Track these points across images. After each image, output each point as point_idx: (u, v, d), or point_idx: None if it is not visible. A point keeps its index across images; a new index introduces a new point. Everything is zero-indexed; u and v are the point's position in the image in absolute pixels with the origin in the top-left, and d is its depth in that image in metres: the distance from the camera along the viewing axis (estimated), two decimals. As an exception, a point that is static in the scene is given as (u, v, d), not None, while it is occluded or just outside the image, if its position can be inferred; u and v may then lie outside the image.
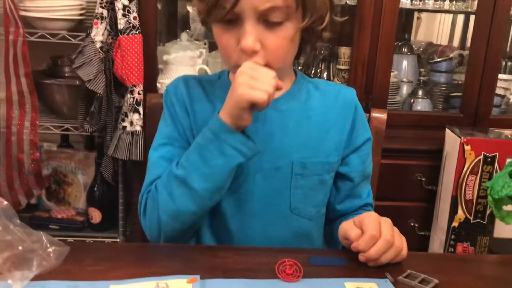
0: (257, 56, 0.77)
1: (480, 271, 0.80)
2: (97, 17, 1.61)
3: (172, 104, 0.91)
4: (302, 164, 0.88)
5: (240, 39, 0.77)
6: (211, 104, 0.89)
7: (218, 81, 0.93)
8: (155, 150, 0.90)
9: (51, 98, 1.76)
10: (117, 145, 1.63)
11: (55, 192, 1.94)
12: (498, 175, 0.76)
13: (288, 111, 0.89)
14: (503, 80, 1.98)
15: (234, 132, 0.78)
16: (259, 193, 0.88)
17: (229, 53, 0.80)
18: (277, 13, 0.76)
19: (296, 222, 0.90)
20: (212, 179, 0.80)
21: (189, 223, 0.84)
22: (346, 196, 0.96)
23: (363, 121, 0.95)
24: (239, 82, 0.75)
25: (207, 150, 0.79)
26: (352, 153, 0.93)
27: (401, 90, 1.97)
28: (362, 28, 1.70)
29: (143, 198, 0.88)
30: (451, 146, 1.63)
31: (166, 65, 1.83)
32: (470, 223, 1.62)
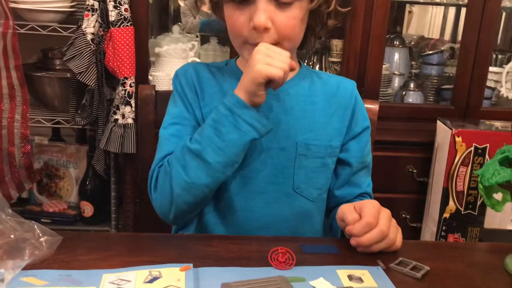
0: (268, 34, 0.82)
1: (471, 259, 0.81)
2: (88, 9, 1.60)
3: (181, 85, 0.94)
4: (306, 145, 0.91)
5: (252, 17, 0.81)
6: (220, 86, 0.93)
7: (226, 67, 0.97)
8: (165, 129, 0.93)
9: (42, 91, 1.75)
10: (109, 138, 1.62)
11: (47, 185, 1.93)
12: (489, 162, 0.77)
13: (294, 95, 0.93)
14: (494, 73, 2.00)
15: (249, 108, 0.81)
16: (264, 172, 0.90)
17: (240, 30, 0.84)
18: None
19: (299, 202, 0.93)
20: (226, 153, 0.82)
21: (201, 196, 0.86)
22: (345, 182, 0.98)
23: (362, 111, 0.99)
24: (256, 59, 0.79)
25: (222, 125, 0.81)
26: (351, 140, 0.97)
27: (393, 82, 1.98)
28: (354, 21, 1.71)
29: (154, 173, 0.90)
30: (442, 138, 1.64)
31: (158, 57, 1.82)
32: (461, 214, 1.63)
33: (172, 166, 0.85)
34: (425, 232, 1.74)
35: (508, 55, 2.16)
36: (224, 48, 2.00)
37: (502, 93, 1.93)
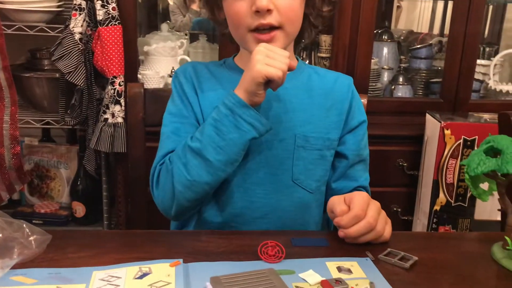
0: (271, 16, 0.84)
1: (459, 248, 0.82)
2: (76, 9, 1.59)
3: (180, 84, 0.96)
4: (305, 137, 0.93)
5: (254, 2, 0.83)
6: (219, 84, 0.95)
7: (224, 65, 1.00)
8: (165, 126, 0.95)
9: (31, 92, 1.74)
10: (99, 138, 1.62)
11: (38, 187, 1.92)
12: (474, 152, 0.78)
13: (292, 88, 0.95)
14: (482, 66, 2.01)
15: (249, 108, 0.83)
16: (263, 163, 0.92)
17: (242, 18, 0.86)
18: None
19: (298, 193, 0.94)
20: (227, 152, 0.84)
21: (202, 193, 0.88)
22: (341, 175, 0.99)
23: (359, 105, 1.01)
24: (256, 59, 0.81)
25: (222, 124, 0.83)
26: (348, 133, 0.98)
27: (382, 77, 1.99)
28: (342, 16, 1.71)
29: (156, 170, 0.92)
30: (431, 131, 1.66)
31: (147, 56, 1.82)
32: (452, 206, 1.65)
33: (173, 164, 0.87)
34: (416, 225, 1.75)
35: (495, 47, 2.18)
36: (213, 45, 2.01)
37: (490, 86, 1.95)
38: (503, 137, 0.76)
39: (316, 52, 1.93)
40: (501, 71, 2.10)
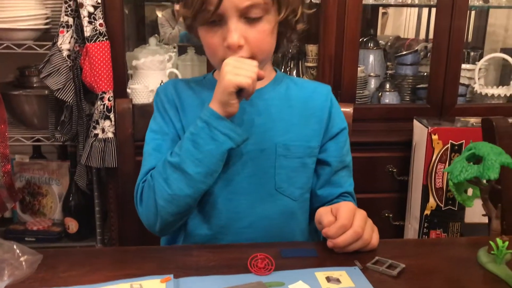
0: (242, 51, 0.86)
1: (446, 253, 0.83)
2: (63, 26, 1.60)
3: (162, 102, 0.98)
4: (285, 145, 0.95)
5: (226, 37, 0.85)
6: (199, 99, 0.97)
7: (204, 80, 1.01)
8: (147, 144, 0.97)
9: (20, 109, 1.74)
10: (89, 153, 1.62)
11: (30, 204, 1.92)
12: (457, 160, 0.79)
13: (271, 99, 0.97)
14: (467, 70, 2.04)
15: (223, 119, 0.85)
16: (245, 173, 0.93)
17: (215, 50, 0.88)
18: (256, 10, 0.85)
19: (281, 201, 0.95)
20: (205, 164, 0.86)
21: (185, 206, 0.89)
22: (326, 182, 1.01)
23: (339, 113, 1.02)
24: (225, 71, 0.83)
25: (199, 137, 0.86)
26: (329, 140, 1.00)
27: (369, 84, 2.01)
28: (327, 26, 1.74)
29: (139, 188, 0.94)
30: (419, 137, 1.68)
31: (136, 70, 1.83)
32: (442, 210, 1.66)
33: (155, 180, 0.89)
34: (408, 230, 1.77)
35: (480, 52, 2.21)
36: (201, 57, 2.02)
37: (476, 90, 1.97)
38: (484, 144, 0.78)
39: (303, 62, 1.95)
40: (486, 75, 2.13)
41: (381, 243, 0.84)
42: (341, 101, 1.75)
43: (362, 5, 1.75)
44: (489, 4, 1.96)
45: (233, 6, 0.83)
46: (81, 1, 1.57)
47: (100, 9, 1.59)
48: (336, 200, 1.00)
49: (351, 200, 1.02)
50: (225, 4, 0.82)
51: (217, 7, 0.82)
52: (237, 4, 0.83)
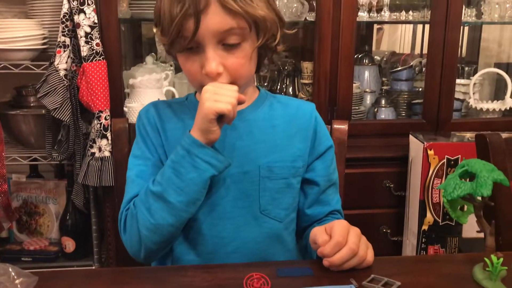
0: (221, 77, 0.85)
1: (441, 270, 0.83)
2: (60, 46, 1.62)
3: (143, 126, 0.97)
4: (269, 167, 0.93)
5: (204, 64, 0.84)
6: (181, 122, 0.96)
7: (186, 101, 1.00)
8: (130, 170, 0.96)
9: (17, 129, 1.75)
10: (86, 172, 1.62)
11: (26, 223, 1.92)
12: (450, 177, 0.79)
13: (253, 120, 0.96)
14: (462, 85, 2.05)
15: (204, 147, 0.84)
16: (229, 197, 0.92)
17: (194, 77, 0.88)
18: (234, 36, 0.84)
19: (267, 224, 0.94)
20: (187, 192, 0.85)
21: (168, 235, 0.89)
22: (314, 201, 1.00)
23: (324, 131, 1.01)
24: (204, 98, 0.82)
25: (180, 166, 0.84)
26: (316, 159, 0.99)
27: (365, 100, 2.02)
28: (322, 43, 1.75)
29: (123, 216, 0.93)
30: (415, 152, 1.68)
31: (133, 88, 1.84)
32: (439, 225, 1.66)
33: (137, 209, 0.88)
34: (406, 246, 1.76)
35: (474, 67, 2.23)
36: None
37: (471, 104, 1.99)
38: (477, 161, 0.78)
39: (299, 79, 1.96)
40: (481, 90, 2.15)
41: (377, 260, 0.84)
42: (336, 118, 1.79)
43: (357, 22, 1.77)
44: (482, 20, 1.99)
45: (209, 34, 0.82)
46: (78, 21, 1.58)
47: (96, 29, 1.60)
48: (325, 218, 1.00)
49: (340, 218, 1.02)
50: (202, 31, 0.82)
51: (194, 35, 0.82)
52: (213, 31, 0.82)
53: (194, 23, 0.81)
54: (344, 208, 1.17)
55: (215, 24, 0.82)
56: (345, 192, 1.17)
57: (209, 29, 0.82)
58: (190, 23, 0.81)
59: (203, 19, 0.81)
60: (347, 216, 1.20)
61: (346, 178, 1.17)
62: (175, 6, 0.81)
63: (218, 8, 0.81)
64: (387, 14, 1.90)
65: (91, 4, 1.59)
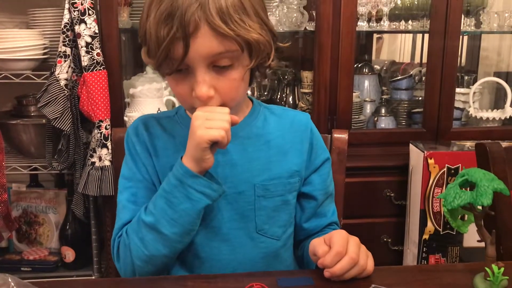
0: (212, 101, 0.80)
1: (441, 280, 0.83)
2: (61, 56, 1.62)
3: (133, 144, 0.93)
4: (264, 186, 0.91)
5: (194, 87, 0.80)
6: (172, 139, 0.92)
7: (176, 116, 0.95)
8: (121, 193, 0.93)
9: (18, 138, 1.75)
10: (86, 181, 1.62)
11: (26, 233, 1.91)
12: (450, 186, 0.79)
13: (247, 137, 0.92)
14: (461, 94, 2.06)
15: (198, 177, 0.80)
16: (224, 218, 0.90)
17: (185, 99, 0.83)
18: (225, 59, 0.79)
19: (264, 243, 0.92)
20: (181, 223, 0.83)
21: (162, 265, 0.87)
22: (312, 215, 0.99)
23: (320, 143, 0.99)
24: (196, 126, 0.79)
25: (173, 196, 0.82)
26: (313, 173, 0.97)
27: (365, 109, 2.03)
28: (321, 52, 1.76)
29: (115, 243, 0.91)
30: (415, 161, 1.68)
31: (133, 98, 1.84)
32: (440, 234, 1.66)
33: (130, 238, 0.86)
34: (407, 255, 1.76)
35: (474, 76, 2.24)
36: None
37: (471, 113, 1.99)
38: (477, 170, 0.78)
39: (298, 88, 1.97)
40: (481, 99, 2.15)
41: (377, 270, 0.84)
42: (336, 127, 1.80)
43: (356, 31, 1.78)
44: (481, 29, 2.00)
45: (199, 57, 0.77)
46: (79, 31, 1.59)
47: (97, 39, 1.61)
48: (324, 230, 0.99)
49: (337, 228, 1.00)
50: (191, 55, 0.76)
51: (183, 59, 0.77)
52: (203, 55, 0.77)
53: (183, 47, 0.76)
54: (345, 218, 1.17)
55: (205, 48, 0.76)
56: (345, 202, 1.17)
57: (199, 53, 0.77)
58: (178, 46, 0.76)
59: (192, 43, 0.75)
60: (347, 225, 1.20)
61: (347, 187, 1.17)
62: (162, 28, 0.76)
63: (208, 32, 0.76)
64: (387, 23, 1.91)
65: (92, 14, 1.60)
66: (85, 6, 1.59)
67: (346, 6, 1.74)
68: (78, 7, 1.58)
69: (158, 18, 0.76)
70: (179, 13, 0.74)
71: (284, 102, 2.02)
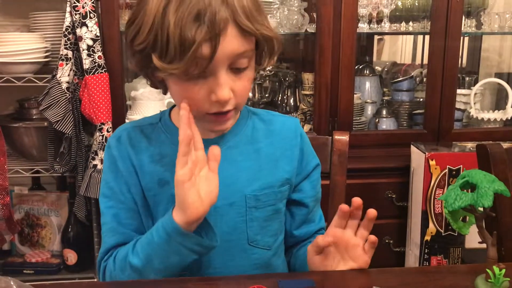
0: (229, 104, 0.80)
1: (443, 282, 0.83)
2: (62, 59, 1.63)
3: (114, 160, 0.89)
4: (255, 196, 0.89)
5: (214, 90, 0.77)
6: (157, 149, 0.89)
7: (160, 123, 0.91)
8: (103, 215, 0.91)
9: (20, 141, 1.76)
10: (88, 184, 1.63)
11: (28, 235, 1.92)
12: (451, 188, 0.79)
13: (236, 146, 0.90)
14: (462, 95, 2.06)
15: (189, 235, 0.78)
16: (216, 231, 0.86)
17: (198, 103, 0.79)
18: (244, 60, 0.79)
19: (256, 254, 0.91)
20: (167, 273, 0.82)
21: None
22: (302, 222, 0.98)
23: (310, 149, 0.97)
24: (190, 199, 0.75)
25: (161, 249, 0.80)
26: (304, 180, 0.96)
27: (366, 111, 2.03)
28: (322, 54, 1.76)
29: (101, 268, 0.90)
30: (417, 162, 1.68)
31: (135, 100, 1.85)
32: (442, 235, 1.66)
33: (116, 272, 0.85)
34: (409, 256, 1.75)
35: (475, 77, 2.24)
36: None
37: (472, 114, 1.99)
38: (477, 171, 0.78)
39: (300, 90, 1.97)
40: (482, 100, 2.15)
41: (379, 272, 0.84)
42: (337, 128, 1.80)
43: (357, 33, 1.78)
44: (482, 30, 2.00)
45: (224, 58, 0.75)
46: (80, 34, 1.60)
47: (99, 42, 1.62)
48: (313, 235, 0.98)
49: None
50: (217, 56, 0.74)
51: (211, 60, 0.74)
52: (229, 55, 0.75)
53: (210, 48, 0.73)
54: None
55: (230, 48, 0.75)
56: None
57: (225, 53, 0.75)
58: (205, 47, 0.73)
59: (220, 43, 0.73)
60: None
61: (348, 189, 1.17)
62: (189, 29, 0.71)
63: (234, 31, 0.75)
64: (387, 25, 1.91)
65: (93, 18, 1.60)
66: (86, 9, 1.59)
67: (347, 8, 1.74)
68: (79, 11, 1.59)
69: (185, 19, 0.72)
70: (209, 13, 0.72)
71: (285, 104, 2.02)
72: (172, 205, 0.79)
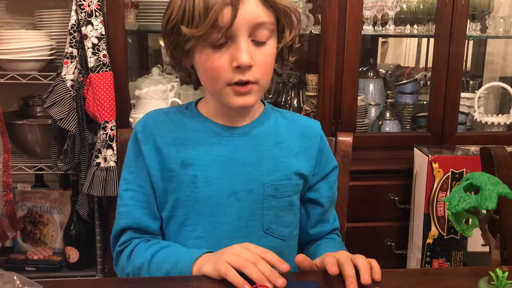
0: (249, 73, 0.84)
1: (447, 284, 0.83)
2: (67, 57, 1.63)
3: (139, 145, 0.93)
4: (274, 185, 0.92)
5: (235, 56, 0.82)
6: (181, 132, 0.92)
7: (186, 111, 0.96)
8: (120, 197, 0.95)
9: (24, 139, 1.76)
10: (91, 182, 1.63)
11: (31, 233, 1.92)
12: (454, 189, 0.79)
13: (258, 137, 0.94)
14: (466, 98, 2.06)
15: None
16: (232, 216, 0.91)
17: (221, 72, 0.84)
18: (264, 31, 0.84)
19: (270, 243, 0.93)
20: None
21: None
22: (318, 221, 1.01)
23: (329, 151, 1.01)
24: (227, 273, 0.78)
25: (177, 272, 0.85)
26: (321, 180, 0.99)
27: (369, 113, 2.03)
28: (327, 56, 1.76)
29: (115, 252, 0.95)
30: (419, 165, 1.68)
31: (139, 99, 1.85)
32: (444, 239, 1.65)
33: (129, 269, 0.91)
34: (411, 259, 1.75)
35: (479, 80, 2.24)
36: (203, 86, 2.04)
37: (475, 118, 1.99)
38: (481, 174, 0.78)
39: (303, 91, 1.97)
40: (486, 103, 2.15)
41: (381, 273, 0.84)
42: (341, 130, 1.80)
43: (362, 35, 1.78)
44: (487, 34, 2.00)
45: (244, 24, 0.81)
46: (86, 32, 1.60)
47: (104, 40, 1.62)
48: (327, 236, 1.01)
49: (337, 238, 1.03)
50: (237, 21, 0.80)
51: (231, 25, 0.80)
52: (249, 21, 0.82)
53: (231, 12, 0.80)
54: (348, 221, 1.17)
55: (251, 14, 0.82)
56: (349, 205, 1.17)
57: (245, 19, 0.81)
58: (226, 11, 0.80)
59: (240, 8, 0.80)
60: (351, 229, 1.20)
61: (351, 190, 1.17)
62: None
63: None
64: (392, 27, 1.91)
65: (99, 16, 1.61)
66: (92, 8, 1.60)
67: (352, 10, 1.74)
68: (85, 9, 1.59)
69: None
70: None
71: (288, 105, 2.02)
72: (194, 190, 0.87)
